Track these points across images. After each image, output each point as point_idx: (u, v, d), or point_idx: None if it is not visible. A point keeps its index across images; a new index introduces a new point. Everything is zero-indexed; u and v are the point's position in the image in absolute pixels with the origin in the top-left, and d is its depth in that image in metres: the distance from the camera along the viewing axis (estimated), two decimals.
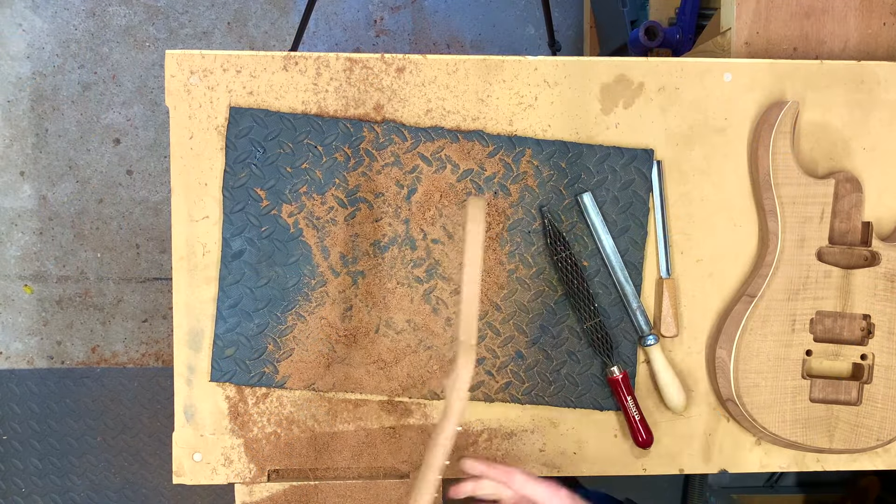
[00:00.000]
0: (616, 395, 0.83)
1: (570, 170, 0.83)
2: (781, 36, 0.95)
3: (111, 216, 1.84)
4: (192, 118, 0.81)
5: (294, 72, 0.82)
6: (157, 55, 1.84)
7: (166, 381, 1.83)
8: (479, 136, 0.82)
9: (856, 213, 0.82)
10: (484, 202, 0.69)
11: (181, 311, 0.83)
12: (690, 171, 0.84)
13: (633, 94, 0.83)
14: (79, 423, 1.81)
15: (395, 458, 0.84)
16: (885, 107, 0.84)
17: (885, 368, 0.81)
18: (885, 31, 0.95)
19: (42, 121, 1.82)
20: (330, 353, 0.83)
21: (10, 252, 1.83)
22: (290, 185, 0.82)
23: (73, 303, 1.84)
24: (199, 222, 0.82)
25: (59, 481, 1.82)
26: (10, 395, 1.82)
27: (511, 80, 0.83)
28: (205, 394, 0.83)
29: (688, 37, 1.29)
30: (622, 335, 0.84)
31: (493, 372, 0.83)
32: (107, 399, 1.82)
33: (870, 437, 0.81)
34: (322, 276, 0.82)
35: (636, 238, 0.84)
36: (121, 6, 1.84)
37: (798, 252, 0.80)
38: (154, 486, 1.83)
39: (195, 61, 0.81)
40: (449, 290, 0.83)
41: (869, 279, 0.81)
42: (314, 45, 1.87)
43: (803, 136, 0.85)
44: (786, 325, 0.80)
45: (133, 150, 1.84)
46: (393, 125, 0.82)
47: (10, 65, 1.81)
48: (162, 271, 1.84)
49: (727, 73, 0.83)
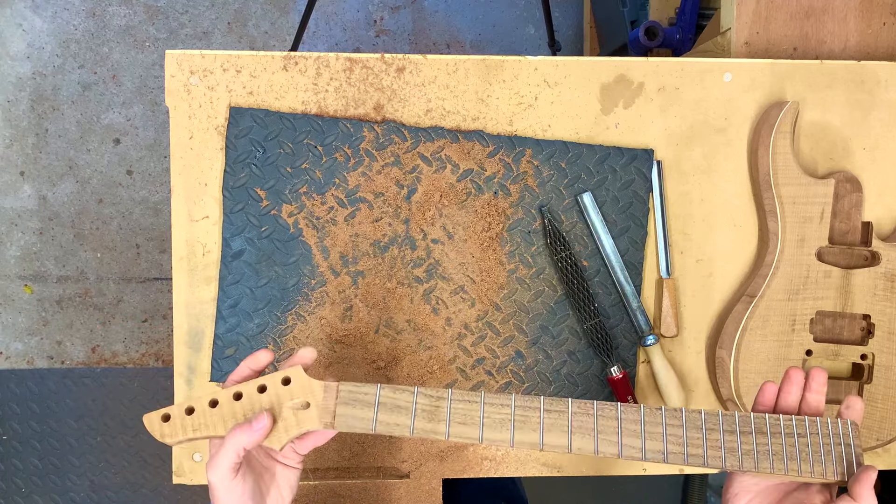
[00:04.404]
0: (616, 395, 0.83)
1: (570, 170, 0.83)
2: (781, 36, 0.95)
3: (111, 216, 1.84)
4: (192, 118, 0.81)
5: (294, 72, 0.82)
6: (157, 55, 1.84)
7: (166, 381, 1.83)
8: (479, 136, 0.82)
9: (856, 213, 0.82)
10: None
11: (181, 311, 0.83)
12: (690, 171, 0.84)
13: (633, 94, 0.83)
14: (79, 423, 1.81)
15: (395, 458, 0.84)
16: (885, 107, 0.84)
17: (885, 368, 0.81)
18: (885, 31, 0.95)
19: (42, 121, 1.82)
20: (330, 353, 0.83)
21: (10, 252, 1.83)
22: (290, 185, 0.82)
23: (73, 303, 1.84)
24: (199, 222, 0.82)
25: (59, 481, 1.82)
26: (10, 395, 1.82)
27: (511, 80, 0.83)
28: (205, 394, 0.83)
29: (688, 37, 1.29)
30: (622, 335, 0.84)
31: (492, 372, 0.83)
32: (107, 399, 1.82)
33: (870, 437, 0.81)
34: (322, 276, 0.82)
35: (636, 238, 0.84)
36: (121, 6, 1.84)
37: (798, 252, 0.80)
38: (154, 486, 1.83)
39: (195, 61, 0.81)
40: (449, 290, 0.83)
41: (869, 279, 0.81)
42: (314, 45, 1.87)
43: (803, 136, 0.85)
44: (786, 325, 0.80)
45: (133, 150, 1.84)
46: (393, 125, 0.82)
47: (10, 65, 1.81)
48: (162, 271, 1.84)
49: (727, 73, 0.83)
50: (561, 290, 0.83)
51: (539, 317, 0.83)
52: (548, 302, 0.83)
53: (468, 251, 0.83)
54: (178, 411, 0.59)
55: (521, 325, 0.83)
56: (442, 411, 0.59)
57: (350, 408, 0.59)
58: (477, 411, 0.59)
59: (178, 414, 0.59)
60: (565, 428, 0.59)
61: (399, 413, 0.59)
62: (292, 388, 0.60)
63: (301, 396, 0.60)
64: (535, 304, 0.83)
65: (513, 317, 0.83)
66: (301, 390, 0.60)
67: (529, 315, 0.83)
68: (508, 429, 0.59)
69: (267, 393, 0.60)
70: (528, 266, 0.83)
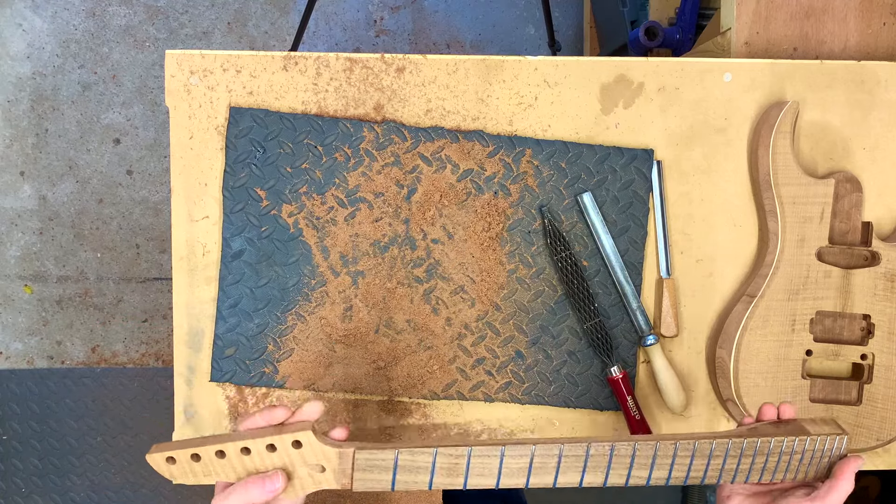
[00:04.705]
0: (616, 395, 0.83)
1: (570, 170, 0.83)
2: (781, 36, 0.95)
3: (111, 216, 1.84)
4: (192, 118, 0.81)
5: (294, 72, 0.82)
6: (157, 55, 1.84)
7: (166, 381, 1.83)
8: (479, 136, 0.82)
9: (856, 213, 0.82)
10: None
11: (181, 311, 0.83)
12: (690, 171, 0.84)
13: (633, 94, 0.83)
14: (79, 423, 1.82)
15: None
16: (885, 107, 0.84)
17: (885, 368, 0.81)
18: (885, 31, 0.95)
19: (42, 121, 1.82)
20: (330, 353, 0.83)
21: (10, 252, 1.83)
22: (290, 185, 0.82)
23: (73, 303, 1.84)
24: (199, 222, 0.82)
25: (59, 481, 1.82)
26: (10, 395, 1.82)
27: (511, 80, 0.83)
28: (205, 394, 0.83)
29: (688, 37, 1.29)
30: (622, 335, 0.84)
31: (492, 372, 0.83)
32: (107, 399, 1.82)
33: (870, 437, 0.81)
34: (322, 276, 0.82)
35: (636, 238, 0.84)
36: (121, 6, 1.84)
37: (798, 252, 0.80)
38: (154, 486, 1.83)
39: (195, 61, 0.81)
40: (449, 290, 0.83)
41: (869, 279, 0.81)
42: (314, 45, 1.87)
43: (803, 136, 0.85)
44: (786, 325, 0.80)
45: (133, 150, 1.84)
46: (393, 125, 0.82)
47: (10, 65, 1.81)
48: (162, 271, 1.84)
49: (727, 73, 0.83)
50: (561, 290, 0.84)
51: (539, 317, 0.83)
52: (548, 302, 0.83)
53: (468, 251, 0.83)
54: (184, 456, 0.58)
55: (521, 325, 0.83)
56: (461, 467, 0.59)
57: (368, 473, 0.59)
58: (496, 464, 0.59)
59: (185, 459, 0.58)
60: (580, 468, 0.60)
61: (417, 473, 0.59)
62: (304, 452, 0.58)
63: (314, 461, 0.59)
64: (535, 304, 0.83)
65: (513, 317, 0.83)
66: (314, 455, 0.59)
67: (529, 315, 0.83)
68: (525, 475, 0.60)
69: (277, 453, 0.58)
70: (528, 266, 0.83)
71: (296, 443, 0.58)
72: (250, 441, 0.58)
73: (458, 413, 0.85)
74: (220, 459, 0.58)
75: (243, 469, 0.58)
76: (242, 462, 0.58)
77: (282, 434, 0.58)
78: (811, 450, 0.62)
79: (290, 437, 0.58)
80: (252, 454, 0.58)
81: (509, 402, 0.84)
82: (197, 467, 0.58)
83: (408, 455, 0.59)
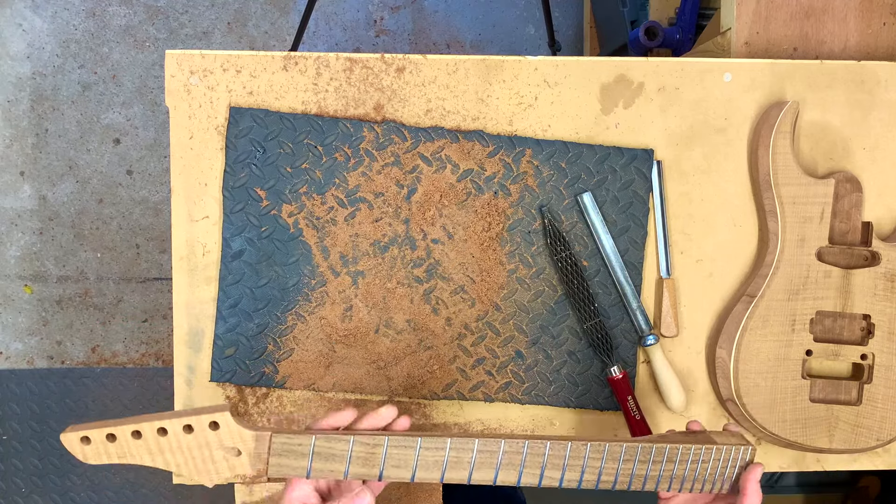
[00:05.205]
0: (616, 395, 0.83)
1: (570, 170, 0.83)
2: (781, 36, 0.95)
3: (111, 216, 1.84)
4: (192, 118, 0.81)
5: (294, 72, 0.82)
6: (157, 55, 1.84)
7: (166, 381, 1.83)
8: (479, 136, 0.82)
9: (856, 213, 0.82)
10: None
11: (181, 311, 0.83)
12: (690, 171, 0.84)
13: (633, 94, 0.83)
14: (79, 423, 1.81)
15: None
16: (885, 107, 0.84)
17: (885, 368, 0.81)
18: (885, 31, 0.95)
19: (42, 121, 1.82)
20: (330, 353, 0.83)
21: (10, 252, 1.83)
22: (290, 185, 0.82)
23: (73, 303, 1.84)
24: (199, 222, 0.82)
25: (59, 481, 1.82)
26: (10, 395, 1.82)
27: (511, 80, 0.83)
28: (205, 394, 0.83)
29: (688, 37, 1.29)
30: (622, 335, 0.84)
31: (492, 372, 0.83)
32: (107, 399, 1.82)
33: (870, 437, 0.81)
34: (322, 276, 0.82)
35: (636, 238, 0.84)
36: (121, 6, 1.84)
37: (798, 252, 0.80)
38: (154, 486, 1.83)
39: (195, 61, 0.81)
40: (449, 290, 0.83)
41: (869, 279, 0.81)
42: (314, 45, 1.87)
43: (803, 136, 0.85)
44: (786, 325, 0.80)
45: (133, 150, 1.84)
46: (393, 125, 0.82)
47: (10, 65, 1.81)
48: (162, 271, 1.84)
49: (727, 73, 0.83)
50: (561, 290, 0.83)
51: (539, 317, 0.83)
52: (548, 302, 0.83)
53: (468, 251, 0.83)
54: (99, 436, 0.57)
55: (521, 325, 0.83)
56: (377, 457, 0.61)
57: (284, 458, 0.60)
58: (412, 455, 0.61)
59: (99, 439, 0.58)
60: (493, 465, 0.62)
61: (333, 461, 0.60)
62: (221, 434, 0.58)
63: (231, 443, 0.59)
64: (535, 304, 0.83)
65: (513, 317, 0.83)
66: (230, 437, 0.59)
67: (529, 315, 0.83)
68: (440, 469, 0.61)
69: (194, 434, 0.58)
70: (528, 266, 0.83)
71: (213, 424, 0.58)
72: (167, 422, 0.58)
73: (458, 413, 0.85)
74: (137, 440, 0.58)
75: (159, 450, 0.58)
76: (158, 443, 0.58)
77: (199, 415, 0.58)
78: (718, 459, 0.65)
79: (208, 417, 0.58)
80: (169, 435, 0.58)
81: (509, 402, 0.84)
82: (112, 448, 0.58)
83: (324, 441, 0.60)
